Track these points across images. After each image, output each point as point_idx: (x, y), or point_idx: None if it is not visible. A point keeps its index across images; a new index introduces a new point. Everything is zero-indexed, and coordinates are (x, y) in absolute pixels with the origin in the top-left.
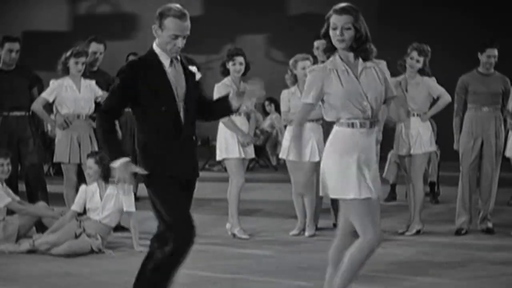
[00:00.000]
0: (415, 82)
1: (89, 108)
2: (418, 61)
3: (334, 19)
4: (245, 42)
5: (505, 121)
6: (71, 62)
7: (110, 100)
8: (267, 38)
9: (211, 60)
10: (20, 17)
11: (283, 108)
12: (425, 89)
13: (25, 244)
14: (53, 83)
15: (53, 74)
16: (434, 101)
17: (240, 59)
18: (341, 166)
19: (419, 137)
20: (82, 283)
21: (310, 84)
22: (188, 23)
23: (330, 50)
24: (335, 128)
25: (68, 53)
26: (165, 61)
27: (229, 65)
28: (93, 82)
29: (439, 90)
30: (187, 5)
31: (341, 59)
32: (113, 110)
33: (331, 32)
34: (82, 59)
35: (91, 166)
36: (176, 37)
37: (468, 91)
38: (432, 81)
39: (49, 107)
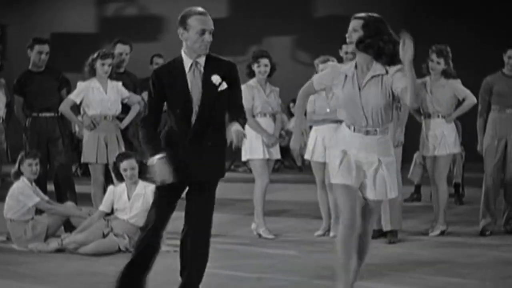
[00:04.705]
0: (440, 84)
1: (116, 109)
2: (438, 62)
3: (350, 25)
4: (271, 44)
5: None
6: (98, 64)
7: (147, 107)
8: (292, 40)
9: (237, 62)
10: (48, 19)
11: (308, 109)
12: (450, 91)
13: (54, 243)
14: (80, 84)
15: (80, 76)
16: (459, 102)
17: (265, 61)
18: (334, 156)
19: (443, 138)
20: (110, 282)
21: (324, 74)
22: (210, 19)
23: (352, 55)
24: (342, 124)
25: (95, 55)
26: (187, 65)
27: (254, 67)
28: (119, 83)
29: (465, 92)
30: (213, 7)
31: (356, 66)
32: (150, 117)
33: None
34: (109, 61)
35: (133, 167)
36: (203, 31)
37: (492, 92)
38: (457, 83)
39: (76, 108)
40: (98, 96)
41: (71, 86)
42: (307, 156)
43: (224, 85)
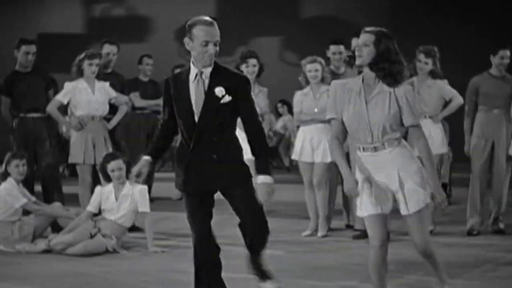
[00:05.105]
0: (427, 85)
1: (103, 109)
2: (426, 63)
3: (359, 38)
4: (258, 44)
5: None
6: (85, 64)
7: (163, 113)
8: (280, 41)
9: (225, 63)
10: (35, 19)
11: (295, 109)
12: (437, 91)
13: (41, 244)
14: (67, 85)
15: (67, 76)
16: (446, 103)
17: (253, 61)
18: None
19: (430, 138)
20: (97, 282)
21: (330, 98)
22: (217, 30)
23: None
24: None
25: (82, 55)
26: (192, 76)
27: (243, 67)
28: (107, 84)
29: (452, 92)
30: (201, 7)
31: (363, 80)
32: (166, 121)
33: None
34: (96, 61)
35: (121, 167)
36: (207, 43)
37: (479, 93)
38: (444, 84)
39: (64, 108)
40: (85, 97)
41: (58, 86)
42: (294, 157)
43: (227, 98)
